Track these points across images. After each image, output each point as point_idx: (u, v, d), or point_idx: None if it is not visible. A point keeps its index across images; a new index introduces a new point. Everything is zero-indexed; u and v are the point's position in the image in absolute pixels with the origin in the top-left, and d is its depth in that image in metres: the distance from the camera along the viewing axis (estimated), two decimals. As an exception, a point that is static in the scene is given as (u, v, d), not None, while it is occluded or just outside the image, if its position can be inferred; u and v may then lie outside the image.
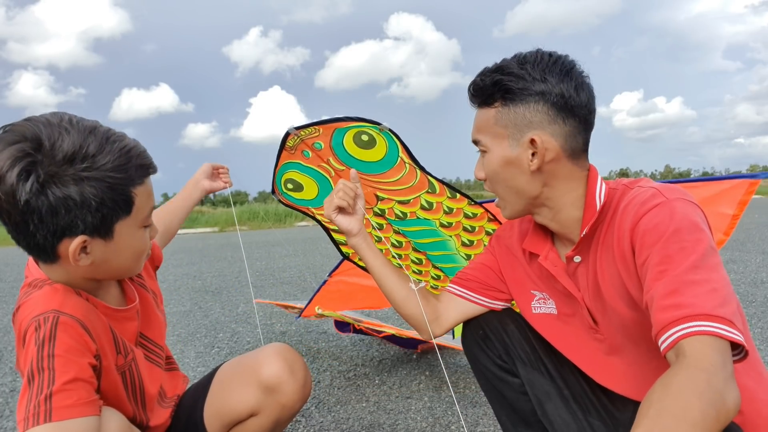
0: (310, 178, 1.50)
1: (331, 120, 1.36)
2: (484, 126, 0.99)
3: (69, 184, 0.81)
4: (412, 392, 2.17)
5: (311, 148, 1.43)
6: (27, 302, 0.90)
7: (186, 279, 5.79)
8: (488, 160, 1.00)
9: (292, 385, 1.15)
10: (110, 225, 0.88)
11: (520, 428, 1.17)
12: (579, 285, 1.02)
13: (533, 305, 1.13)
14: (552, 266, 1.05)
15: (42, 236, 0.84)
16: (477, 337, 1.19)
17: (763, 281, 4.07)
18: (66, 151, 0.81)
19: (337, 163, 1.45)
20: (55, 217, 0.82)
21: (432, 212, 1.53)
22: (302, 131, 1.37)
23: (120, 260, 0.94)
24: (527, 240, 1.10)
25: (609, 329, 1.00)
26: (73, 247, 0.86)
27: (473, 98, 1.00)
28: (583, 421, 1.08)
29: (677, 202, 0.86)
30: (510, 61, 0.96)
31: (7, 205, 0.81)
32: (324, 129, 1.38)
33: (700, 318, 0.74)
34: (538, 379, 1.13)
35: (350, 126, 1.36)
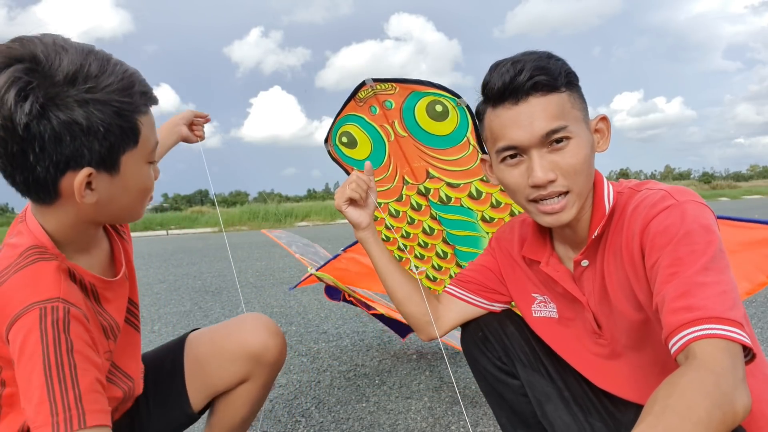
0: (367, 135, 1.46)
1: (411, 80, 1.32)
2: (563, 111, 0.90)
3: (73, 107, 0.73)
4: (412, 392, 2.17)
5: (381, 105, 1.38)
6: (17, 279, 0.78)
7: (186, 279, 5.79)
8: (575, 149, 0.90)
9: (278, 346, 1.19)
10: (117, 157, 0.80)
11: (520, 430, 1.16)
12: (584, 289, 1.01)
13: (533, 308, 1.13)
14: (554, 272, 1.04)
15: (43, 169, 0.75)
16: (476, 338, 1.19)
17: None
18: (66, 71, 0.73)
19: (400, 128, 1.41)
20: (59, 144, 0.74)
21: (479, 202, 1.48)
22: (379, 84, 1.33)
23: (126, 199, 0.85)
24: (526, 247, 1.09)
25: (613, 334, 1.00)
26: (79, 180, 0.77)
27: (546, 82, 0.89)
28: (584, 423, 1.08)
29: (688, 204, 0.85)
30: (541, 54, 0.93)
31: (4, 133, 0.72)
32: (401, 88, 1.34)
33: (712, 321, 0.73)
34: (538, 380, 1.13)
35: (428, 92, 1.32)
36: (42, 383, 0.71)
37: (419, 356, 2.68)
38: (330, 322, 3.52)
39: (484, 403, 2.00)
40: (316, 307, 4.03)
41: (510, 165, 0.95)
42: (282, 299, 4.39)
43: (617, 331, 0.99)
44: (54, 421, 0.70)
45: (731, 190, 31.98)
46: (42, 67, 0.73)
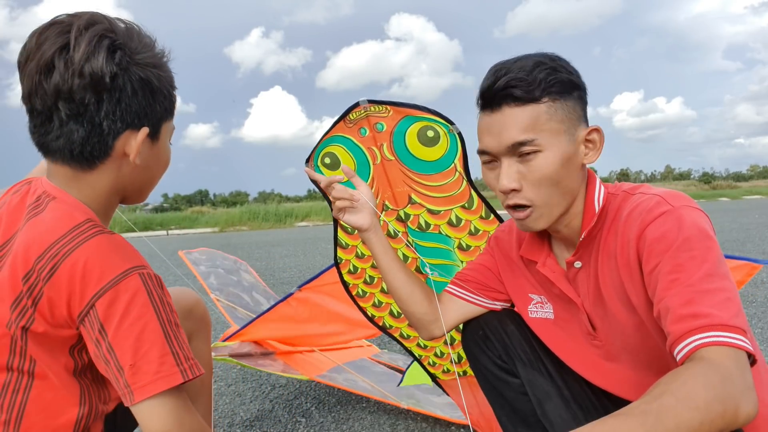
0: (352, 157, 1.44)
1: (406, 104, 1.33)
2: (536, 122, 0.90)
3: (148, 68, 0.83)
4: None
5: (372, 127, 1.38)
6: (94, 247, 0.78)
7: (186, 279, 5.78)
8: (543, 161, 0.91)
9: (200, 301, 1.27)
10: (160, 125, 0.88)
11: (520, 428, 1.17)
12: (579, 290, 1.02)
13: (530, 309, 1.13)
14: (550, 272, 1.04)
15: (110, 122, 0.80)
16: (477, 337, 1.19)
17: (763, 281, 4.07)
18: (139, 41, 0.83)
19: (388, 152, 1.40)
20: (134, 99, 0.81)
21: (457, 230, 1.46)
22: (373, 106, 1.34)
23: (154, 171, 0.93)
24: (524, 247, 1.09)
25: (608, 335, 1.00)
26: (141, 136, 0.83)
27: (518, 94, 0.90)
28: (584, 422, 1.07)
29: (683, 209, 0.85)
30: (540, 57, 0.93)
31: (90, 81, 0.77)
32: (395, 111, 1.34)
33: (718, 328, 0.73)
34: (537, 379, 1.13)
35: (422, 117, 1.33)
36: (162, 338, 0.77)
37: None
38: (330, 322, 3.51)
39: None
40: (316, 307, 4.02)
41: (488, 168, 0.98)
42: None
43: (611, 332, 0.99)
44: (181, 369, 0.78)
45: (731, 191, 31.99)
46: (118, 31, 0.81)
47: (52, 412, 0.82)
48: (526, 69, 0.90)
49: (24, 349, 0.80)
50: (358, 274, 1.58)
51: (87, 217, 0.82)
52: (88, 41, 0.77)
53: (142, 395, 0.75)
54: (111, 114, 0.80)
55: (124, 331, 0.75)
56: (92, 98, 0.78)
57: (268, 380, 2.42)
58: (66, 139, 0.80)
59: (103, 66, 0.77)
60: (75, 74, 0.76)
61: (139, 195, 0.95)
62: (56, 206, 0.82)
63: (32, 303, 0.77)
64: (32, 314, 0.77)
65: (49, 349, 0.81)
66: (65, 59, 0.77)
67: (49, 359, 0.81)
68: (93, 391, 0.87)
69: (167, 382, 0.76)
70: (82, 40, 0.77)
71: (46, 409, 0.82)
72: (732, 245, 6.21)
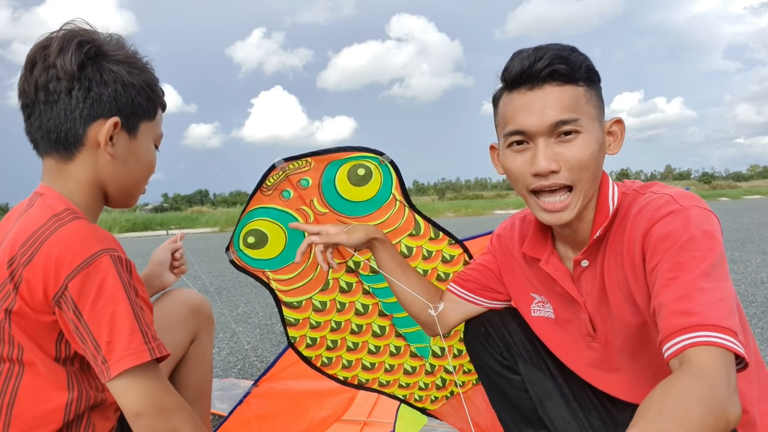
0: (280, 227, 1.32)
1: (328, 150, 1.24)
2: (578, 104, 0.89)
3: (120, 64, 0.91)
4: (412, 392, 2.17)
5: (295, 186, 1.28)
6: (68, 231, 0.81)
7: (186, 279, 5.79)
8: (584, 144, 0.89)
9: (206, 300, 1.31)
10: (138, 121, 0.95)
11: (521, 426, 1.17)
12: (582, 290, 1.01)
13: (532, 308, 1.13)
14: (554, 271, 1.03)
15: (80, 111, 0.88)
16: (479, 334, 1.19)
17: (763, 281, 4.06)
18: (113, 43, 0.93)
19: (320, 205, 1.31)
20: (103, 88, 0.89)
21: (410, 259, 1.38)
22: (291, 164, 1.23)
23: (135, 169, 0.97)
24: (527, 244, 1.08)
25: (608, 337, 1.00)
26: (109, 124, 0.90)
27: (565, 71, 0.88)
28: (584, 420, 1.08)
29: (692, 209, 0.84)
30: (566, 45, 0.92)
31: (61, 72, 0.86)
32: (317, 162, 1.25)
33: (708, 328, 0.73)
34: (538, 376, 1.13)
35: (348, 158, 1.25)
36: (132, 317, 0.81)
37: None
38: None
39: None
40: (316, 306, 4.03)
41: (515, 151, 0.94)
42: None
43: (612, 334, 0.99)
44: (149, 347, 0.82)
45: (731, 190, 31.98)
46: (92, 35, 0.91)
47: (42, 398, 0.85)
48: (567, 50, 0.90)
49: (11, 335, 0.83)
50: (318, 344, 1.47)
51: (66, 206, 0.87)
52: (60, 39, 0.88)
53: (117, 370, 0.79)
54: (81, 101, 0.88)
55: (99, 310, 0.80)
56: (63, 87, 0.87)
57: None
58: (45, 128, 0.89)
59: (71, 57, 0.87)
60: (49, 67, 0.87)
61: (123, 195, 0.99)
62: (42, 201, 0.88)
63: (14, 287, 0.81)
64: (14, 298, 0.81)
65: (32, 335, 0.83)
66: (43, 55, 0.88)
67: (34, 346, 0.84)
68: (82, 378, 0.89)
69: (136, 359, 0.80)
70: (56, 40, 0.89)
71: (36, 395, 0.85)
72: (732, 245, 6.20)
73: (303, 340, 1.46)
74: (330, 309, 1.44)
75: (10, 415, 0.83)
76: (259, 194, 1.27)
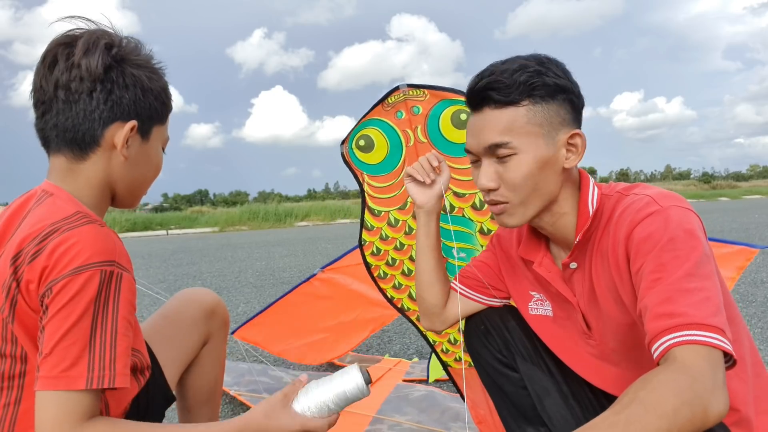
0: (386, 139, 1.50)
1: (444, 88, 1.40)
2: (513, 126, 0.92)
3: (141, 68, 0.92)
4: (412, 391, 2.17)
5: (408, 110, 1.45)
6: (76, 235, 0.80)
7: (186, 279, 5.80)
8: (518, 164, 0.93)
9: (222, 302, 1.30)
10: (151, 125, 0.96)
11: (520, 423, 1.17)
12: (575, 290, 1.02)
13: (530, 306, 1.14)
14: (546, 272, 1.05)
15: (100, 111, 0.88)
16: (479, 331, 1.20)
17: (763, 281, 4.07)
18: (132, 46, 0.93)
19: (422, 134, 1.47)
20: (124, 92, 0.90)
21: (480, 213, 1.50)
22: (411, 90, 1.41)
23: (144, 170, 0.98)
24: (522, 247, 1.10)
25: (603, 335, 1.01)
26: (127, 128, 0.90)
27: (498, 97, 0.92)
28: (582, 418, 1.08)
29: (672, 209, 0.85)
30: (526, 60, 0.93)
31: (86, 72, 0.87)
32: (432, 95, 1.42)
33: (693, 327, 0.73)
34: (537, 374, 1.14)
35: (457, 100, 1.39)
36: (86, 341, 0.78)
37: (419, 356, 2.69)
38: (330, 322, 3.51)
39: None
40: (316, 306, 4.03)
41: (474, 166, 1.01)
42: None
43: (606, 333, 0.99)
44: (89, 376, 0.77)
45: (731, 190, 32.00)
46: (115, 38, 0.92)
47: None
48: (508, 72, 0.91)
49: (13, 333, 0.83)
50: (380, 255, 1.62)
51: (77, 209, 0.85)
52: (86, 40, 0.88)
53: (43, 386, 0.77)
54: (102, 103, 0.88)
55: (58, 320, 0.78)
56: (86, 87, 0.87)
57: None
58: (62, 126, 0.89)
59: (98, 59, 0.87)
60: (73, 66, 0.87)
61: (129, 195, 0.99)
62: (52, 201, 0.88)
63: (17, 284, 0.81)
64: (15, 295, 0.81)
65: (32, 334, 0.83)
66: (66, 54, 0.88)
67: (33, 345, 0.83)
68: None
69: (66, 384, 0.77)
70: (81, 40, 0.88)
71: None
72: (732, 245, 6.20)
73: (371, 246, 1.62)
74: (400, 228, 1.60)
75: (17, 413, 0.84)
76: (380, 108, 1.46)
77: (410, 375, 2.36)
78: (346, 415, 1.84)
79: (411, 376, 2.35)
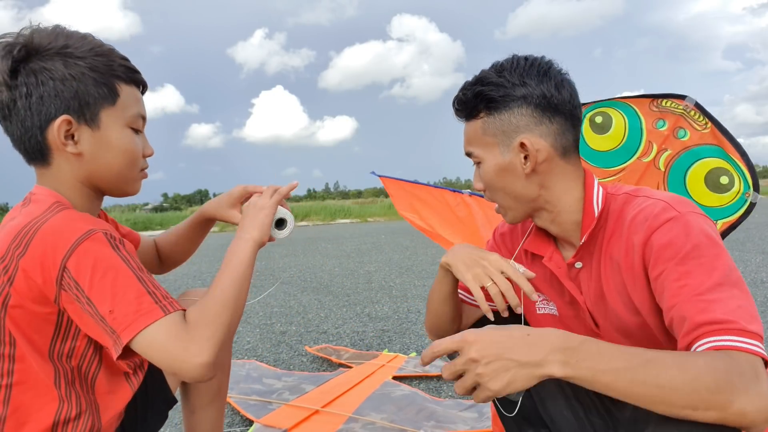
0: (626, 133, 1.27)
1: (728, 134, 1.18)
2: (474, 138, 1.00)
3: (53, 58, 0.85)
4: (412, 392, 2.17)
5: (672, 129, 1.23)
6: (59, 218, 0.82)
7: (186, 279, 5.79)
8: (483, 171, 1.01)
9: None
10: (95, 111, 0.88)
11: (522, 425, 1.17)
12: (582, 289, 1.01)
13: (537, 306, 1.13)
14: (556, 268, 1.04)
15: (31, 118, 0.85)
16: None
17: (763, 281, 4.07)
18: (44, 36, 0.86)
19: (664, 162, 1.25)
20: (42, 87, 0.84)
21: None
22: (695, 111, 1.20)
23: (112, 160, 0.91)
24: (529, 241, 1.09)
25: (610, 334, 1.00)
26: (57, 123, 0.85)
27: (458, 113, 1.02)
28: (585, 420, 1.08)
29: (690, 215, 0.84)
30: (488, 72, 0.98)
31: (3, 82, 0.84)
32: (712, 133, 1.19)
33: (735, 333, 0.72)
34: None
35: (730, 158, 1.18)
36: (136, 281, 0.80)
37: (418, 354, 2.69)
38: (330, 322, 3.52)
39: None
40: (316, 307, 4.03)
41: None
42: (282, 299, 4.40)
43: (613, 330, 0.99)
44: (161, 305, 0.80)
45: (731, 191, 31.89)
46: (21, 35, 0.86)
47: (35, 393, 0.86)
48: (468, 88, 0.98)
49: (4, 329, 0.83)
50: None
51: (56, 200, 0.86)
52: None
53: (128, 336, 0.78)
54: (27, 108, 0.85)
55: (98, 281, 0.79)
56: (7, 98, 0.85)
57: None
58: (15, 141, 0.89)
59: (3, 66, 0.84)
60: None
61: (114, 186, 0.96)
62: (35, 199, 0.88)
63: (8, 280, 0.80)
64: (8, 291, 0.81)
65: (26, 329, 0.83)
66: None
67: (26, 341, 0.83)
68: (72, 379, 0.89)
69: (148, 318, 0.79)
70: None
71: (30, 390, 0.85)
72: (732, 245, 6.20)
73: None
74: None
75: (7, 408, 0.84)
76: (646, 101, 1.24)
77: (403, 371, 2.37)
78: (320, 414, 1.89)
79: (404, 371, 2.36)
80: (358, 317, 3.61)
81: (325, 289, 4.77)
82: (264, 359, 2.75)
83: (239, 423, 1.92)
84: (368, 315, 3.66)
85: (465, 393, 0.75)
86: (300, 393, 2.12)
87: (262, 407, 1.99)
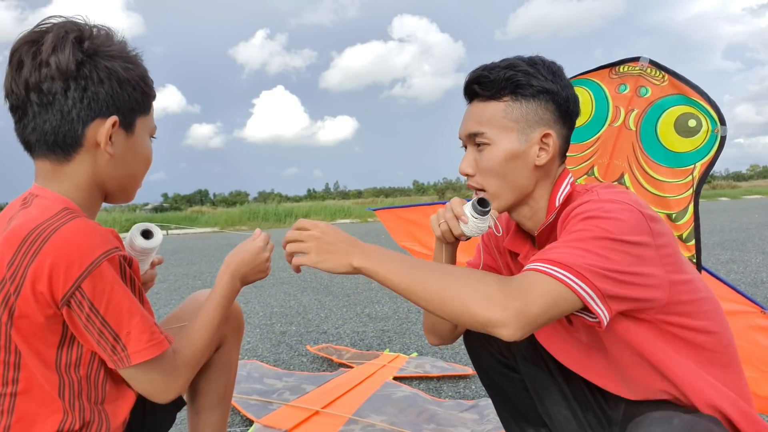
0: (593, 107, 1.31)
1: (688, 81, 1.22)
2: (492, 119, 0.99)
3: (116, 60, 0.88)
4: (412, 391, 2.17)
5: (634, 88, 1.27)
6: (70, 231, 0.80)
7: (186, 279, 5.80)
8: (490, 154, 0.99)
9: (238, 305, 1.27)
10: (134, 117, 0.92)
11: (522, 423, 1.17)
12: None
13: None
14: None
15: (78, 110, 0.85)
16: (479, 333, 1.19)
17: (763, 281, 4.06)
18: (103, 37, 0.89)
19: (633, 121, 1.28)
20: (100, 87, 0.86)
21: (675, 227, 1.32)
22: (651, 68, 1.24)
23: (133, 164, 0.95)
24: (509, 239, 1.11)
25: (581, 328, 1.01)
26: (108, 124, 0.87)
27: (481, 91, 0.99)
28: (582, 419, 1.08)
29: (607, 202, 0.87)
30: (518, 60, 0.99)
31: (56, 71, 0.83)
32: (671, 83, 1.24)
33: (554, 264, 0.79)
34: (538, 375, 1.14)
35: (694, 102, 1.22)
36: (143, 313, 0.85)
37: (419, 354, 2.69)
38: (330, 322, 3.52)
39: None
40: (316, 307, 4.04)
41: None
42: (282, 299, 4.40)
43: (579, 327, 1.00)
44: (164, 336, 0.87)
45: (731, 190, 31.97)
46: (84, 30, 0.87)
47: (39, 404, 0.85)
48: (497, 70, 0.98)
49: (9, 339, 0.82)
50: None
51: (64, 206, 0.85)
52: (54, 36, 0.84)
53: (139, 359, 0.84)
54: (78, 102, 0.85)
55: (115, 306, 0.82)
56: (59, 87, 0.84)
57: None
58: (40, 131, 0.86)
59: (69, 55, 0.83)
60: (42, 65, 0.83)
61: (122, 192, 0.97)
62: (39, 201, 0.87)
63: (15, 287, 0.79)
64: (15, 299, 0.80)
65: (30, 338, 0.82)
66: (33, 53, 0.84)
67: (31, 350, 0.82)
68: (80, 388, 0.88)
69: (158, 348, 0.86)
70: (48, 36, 0.84)
71: (33, 400, 0.85)
72: (732, 245, 6.21)
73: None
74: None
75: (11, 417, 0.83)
76: (606, 71, 1.30)
77: (404, 371, 2.36)
78: (320, 415, 1.89)
79: (405, 372, 2.35)
80: (358, 317, 3.61)
81: (325, 289, 4.78)
82: (264, 359, 2.74)
83: (239, 423, 1.92)
84: (368, 315, 3.66)
85: (290, 252, 0.95)
86: (301, 393, 2.12)
87: (263, 407, 1.99)
